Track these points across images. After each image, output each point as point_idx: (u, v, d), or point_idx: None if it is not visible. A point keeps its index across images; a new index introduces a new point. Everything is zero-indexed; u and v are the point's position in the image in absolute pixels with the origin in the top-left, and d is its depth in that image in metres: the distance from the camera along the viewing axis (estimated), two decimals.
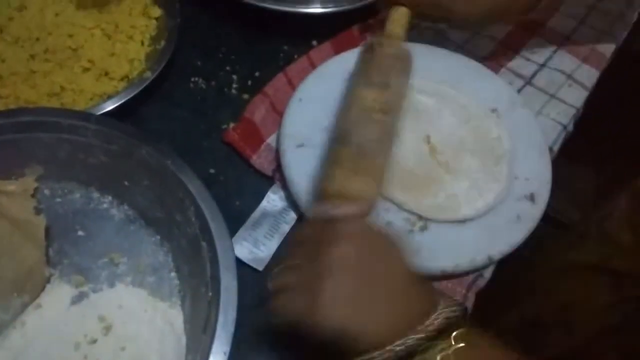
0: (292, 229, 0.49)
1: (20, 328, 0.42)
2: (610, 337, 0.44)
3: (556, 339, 0.64)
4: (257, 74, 0.58)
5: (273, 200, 0.50)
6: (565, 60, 0.63)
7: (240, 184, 0.51)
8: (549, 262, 0.69)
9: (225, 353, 0.37)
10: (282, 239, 0.49)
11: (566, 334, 0.63)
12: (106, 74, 0.53)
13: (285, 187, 0.50)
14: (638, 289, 0.46)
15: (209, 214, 0.42)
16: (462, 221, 0.48)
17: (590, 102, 0.64)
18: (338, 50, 0.59)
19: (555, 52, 0.64)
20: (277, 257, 0.48)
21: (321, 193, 0.44)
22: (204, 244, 0.42)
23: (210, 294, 0.40)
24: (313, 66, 0.58)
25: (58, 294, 0.44)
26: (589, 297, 0.38)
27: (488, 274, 0.49)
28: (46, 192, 0.48)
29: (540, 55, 0.63)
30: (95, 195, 0.49)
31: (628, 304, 0.48)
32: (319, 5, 0.60)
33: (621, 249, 0.50)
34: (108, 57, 0.54)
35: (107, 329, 0.43)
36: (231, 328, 0.38)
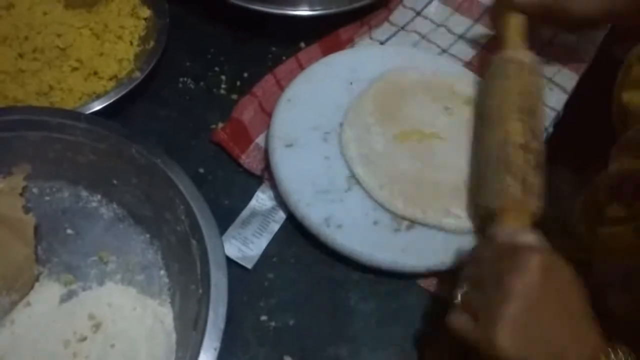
0: (282, 227, 0.50)
1: (10, 326, 0.42)
2: None
3: None
4: (245, 74, 0.59)
5: (262, 199, 0.51)
6: (546, 64, 0.65)
7: (229, 184, 0.52)
8: None
9: (215, 349, 0.37)
10: (271, 237, 0.49)
11: None
12: (95, 73, 0.53)
13: (274, 186, 0.51)
14: (596, 277, 0.48)
15: (199, 212, 0.43)
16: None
17: (569, 106, 0.66)
18: (326, 52, 0.60)
19: (537, 56, 0.65)
20: (267, 255, 0.48)
21: (500, 208, 0.45)
22: (193, 241, 0.42)
23: (200, 291, 0.41)
24: (301, 67, 0.59)
25: (47, 292, 0.44)
26: None
27: None
28: (35, 190, 0.48)
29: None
30: (84, 193, 0.49)
31: (593, 295, 0.50)
32: (307, 8, 0.61)
33: (580, 241, 0.52)
34: (97, 57, 0.54)
35: (97, 327, 0.43)
36: (221, 324, 0.39)
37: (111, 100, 0.51)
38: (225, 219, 0.49)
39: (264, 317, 0.46)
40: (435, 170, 0.52)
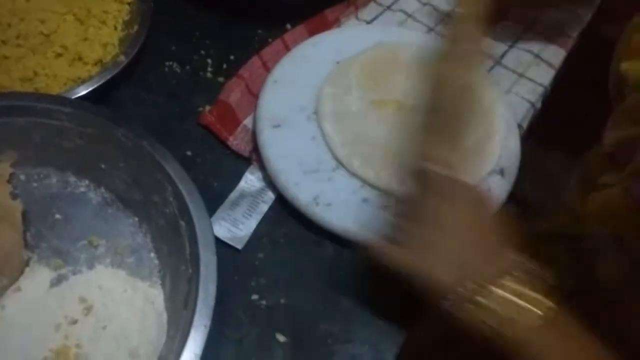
0: (271, 208, 0.50)
1: (0, 311, 0.42)
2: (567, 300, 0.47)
3: None
4: (231, 57, 0.59)
5: (251, 180, 0.51)
6: (532, 40, 0.65)
7: (218, 166, 0.52)
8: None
9: (205, 326, 0.38)
10: (260, 218, 0.49)
11: None
12: (79, 58, 0.53)
13: (263, 167, 0.51)
14: (586, 245, 0.49)
15: (187, 193, 0.43)
16: None
17: (559, 86, 0.66)
18: (312, 33, 0.60)
19: (523, 33, 0.66)
20: (256, 235, 0.48)
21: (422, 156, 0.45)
22: (182, 223, 0.42)
23: (190, 271, 0.41)
24: (287, 49, 0.58)
25: (37, 277, 0.44)
26: (548, 265, 0.40)
27: None
28: (22, 177, 0.48)
29: (508, 36, 0.65)
30: (72, 179, 0.49)
31: (581, 265, 0.50)
32: None
33: (575, 217, 0.52)
34: (81, 42, 0.54)
35: (88, 310, 0.43)
36: (211, 302, 0.39)
37: (96, 85, 0.51)
38: (214, 200, 0.49)
39: (255, 297, 0.46)
40: (401, 140, 0.51)
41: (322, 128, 0.52)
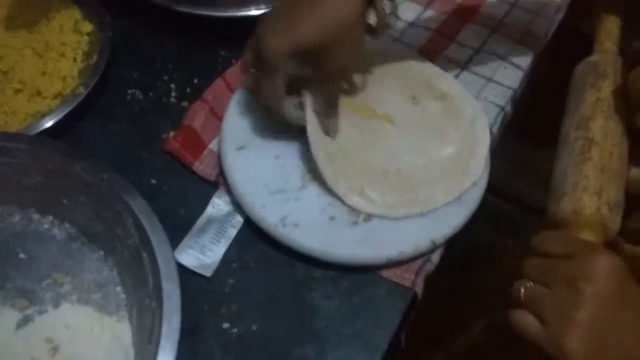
0: (239, 232, 0.49)
1: None
2: None
3: None
4: (195, 81, 0.58)
5: (218, 205, 0.50)
6: (499, 43, 0.64)
7: (184, 192, 0.51)
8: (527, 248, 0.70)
9: None
10: (229, 242, 0.49)
11: None
12: (38, 93, 0.53)
13: (229, 191, 0.50)
14: None
15: (148, 224, 0.42)
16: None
17: (540, 84, 0.66)
18: None
19: (489, 36, 0.65)
20: (226, 261, 0.48)
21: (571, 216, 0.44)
22: (144, 254, 0.42)
23: (153, 304, 0.40)
24: None
25: (3, 319, 0.43)
26: None
27: (436, 258, 0.50)
28: None
29: (475, 40, 0.65)
30: (35, 216, 0.48)
31: None
32: (253, 8, 0.60)
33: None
34: (40, 77, 0.53)
35: (55, 350, 0.42)
36: (175, 336, 0.38)
37: (56, 119, 0.51)
38: (181, 228, 0.48)
39: (226, 325, 0.45)
40: (369, 149, 0.51)
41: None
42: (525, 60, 0.64)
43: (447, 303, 0.73)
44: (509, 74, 0.62)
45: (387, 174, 0.50)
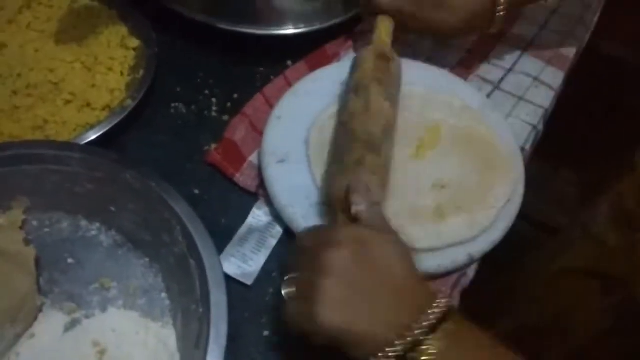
0: (279, 242, 0.51)
1: (15, 359, 0.43)
2: (606, 340, 0.46)
3: (553, 344, 0.65)
4: (235, 95, 0.60)
5: (258, 215, 0.52)
6: (530, 63, 0.66)
7: (225, 203, 0.53)
8: (541, 268, 0.70)
9: None
10: (269, 252, 0.50)
11: (563, 340, 0.64)
12: (88, 104, 0.55)
13: (269, 202, 0.52)
14: (627, 289, 0.47)
15: (196, 232, 0.44)
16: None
17: (561, 104, 0.67)
18: (312, 68, 0.61)
19: (520, 56, 0.67)
20: (266, 270, 0.49)
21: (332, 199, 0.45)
22: (192, 262, 0.43)
23: (201, 310, 0.41)
24: (289, 84, 0.60)
25: (51, 322, 0.45)
26: (582, 302, 0.38)
27: (471, 272, 0.50)
28: (34, 223, 0.49)
29: (506, 60, 0.66)
30: (83, 223, 0.49)
31: (620, 306, 0.49)
32: (291, 27, 0.63)
33: (607, 251, 0.51)
34: (89, 89, 0.56)
35: (102, 353, 0.43)
36: (223, 341, 0.39)
37: (105, 130, 0.52)
38: (223, 237, 0.50)
39: (266, 332, 0.46)
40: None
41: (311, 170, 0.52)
42: (556, 80, 0.65)
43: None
44: (540, 93, 0.63)
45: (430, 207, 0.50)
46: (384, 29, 0.57)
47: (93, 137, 0.52)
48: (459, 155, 0.54)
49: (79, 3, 0.62)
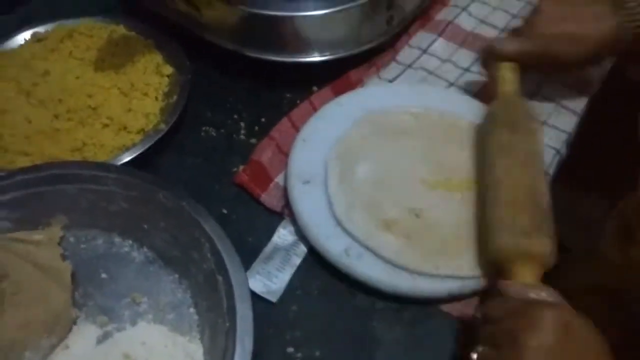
0: (303, 261, 0.52)
1: None
2: (615, 356, 0.45)
3: None
4: (263, 119, 0.62)
5: (283, 234, 0.53)
6: (553, 89, 0.66)
7: (252, 222, 0.54)
8: (551, 285, 0.69)
9: None
10: (293, 270, 0.51)
11: None
12: (124, 128, 0.57)
13: (294, 222, 0.53)
14: (636, 305, 0.47)
15: (223, 249, 0.45)
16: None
17: (584, 128, 0.67)
18: (337, 94, 0.63)
19: (543, 82, 0.67)
20: (290, 288, 0.50)
21: (499, 254, 0.46)
22: (219, 277, 0.44)
23: (227, 324, 0.42)
24: (314, 109, 0.62)
25: (84, 335, 0.46)
26: (590, 318, 0.38)
27: None
28: (71, 239, 0.51)
29: (529, 86, 0.67)
30: (117, 240, 0.52)
31: (628, 322, 0.48)
32: (317, 54, 0.65)
33: (614, 267, 0.51)
34: (125, 113, 0.59)
35: None
36: (248, 357, 0.40)
37: (139, 152, 0.55)
38: (249, 255, 0.51)
39: (290, 349, 0.47)
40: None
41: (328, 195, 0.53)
42: (579, 105, 0.65)
43: None
44: (564, 118, 0.64)
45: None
46: (508, 78, 0.57)
47: (128, 159, 0.55)
48: None
49: (117, 33, 0.66)
